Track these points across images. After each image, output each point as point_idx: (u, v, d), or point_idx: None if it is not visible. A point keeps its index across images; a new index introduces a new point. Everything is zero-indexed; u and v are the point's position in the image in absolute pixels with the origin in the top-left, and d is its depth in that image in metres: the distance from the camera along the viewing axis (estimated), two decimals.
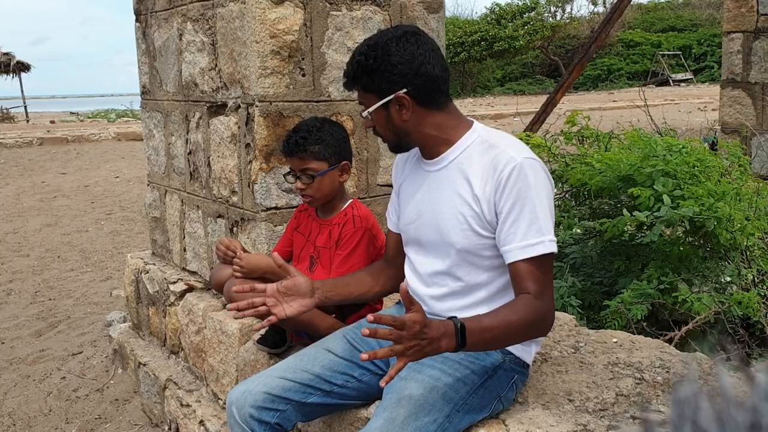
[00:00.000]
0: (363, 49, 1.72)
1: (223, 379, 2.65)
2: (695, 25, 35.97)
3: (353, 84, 1.76)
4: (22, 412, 3.26)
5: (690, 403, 0.43)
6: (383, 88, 1.69)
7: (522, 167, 1.61)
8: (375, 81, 1.69)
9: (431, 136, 1.75)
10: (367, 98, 1.74)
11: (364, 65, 1.69)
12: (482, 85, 35.28)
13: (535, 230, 1.60)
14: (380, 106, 1.71)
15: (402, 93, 1.67)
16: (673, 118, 9.04)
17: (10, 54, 27.42)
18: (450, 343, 1.46)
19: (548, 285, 1.62)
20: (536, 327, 1.61)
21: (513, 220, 1.61)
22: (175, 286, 3.13)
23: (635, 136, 3.33)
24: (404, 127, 1.73)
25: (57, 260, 6.03)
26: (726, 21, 6.25)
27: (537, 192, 1.61)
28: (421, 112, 1.72)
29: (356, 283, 1.99)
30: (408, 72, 1.67)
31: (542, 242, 1.60)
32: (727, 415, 0.42)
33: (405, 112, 1.71)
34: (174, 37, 3.11)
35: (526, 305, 1.57)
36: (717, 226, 2.64)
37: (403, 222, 1.88)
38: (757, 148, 5.97)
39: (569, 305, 2.88)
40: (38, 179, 10.71)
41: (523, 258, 1.60)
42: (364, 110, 1.76)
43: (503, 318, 1.55)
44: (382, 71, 1.67)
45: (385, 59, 1.67)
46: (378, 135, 1.83)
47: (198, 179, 3.07)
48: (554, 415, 1.70)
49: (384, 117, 1.73)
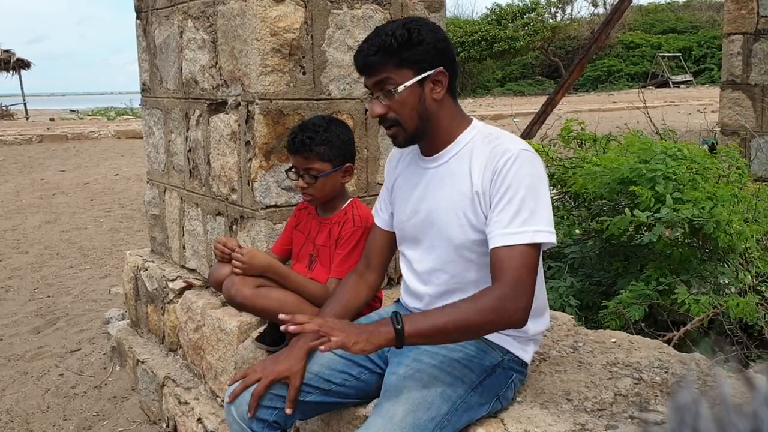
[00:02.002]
0: (398, 23, 1.67)
1: (222, 376, 2.65)
2: (695, 27, 36.00)
3: (386, 59, 1.64)
4: (20, 409, 3.26)
5: (690, 409, 0.43)
6: (425, 62, 1.65)
7: (518, 157, 1.61)
8: (417, 53, 1.65)
9: (443, 126, 1.73)
10: (399, 74, 1.65)
11: (407, 38, 1.64)
12: (482, 85, 35.30)
13: (520, 219, 1.57)
14: (416, 83, 1.66)
15: (441, 69, 1.67)
16: (673, 120, 9.04)
17: (10, 51, 27.38)
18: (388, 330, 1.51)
19: (525, 276, 1.55)
20: (497, 318, 1.54)
21: (501, 208, 1.60)
22: (174, 284, 3.12)
23: (633, 139, 3.33)
24: (432, 109, 1.70)
25: (56, 257, 6.03)
26: (726, 23, 6.25)
27: (530, 182, 1.60)
28: (446, 97, 1.72)
29: (346, 305, 1.96)
30: (446, 50, 1.68)
31: (525, 232, 1.56)
32: (728, 421, 0.42)
33: (438, 91, 1.69)
34: (175, 34, 3.11)
35: (487, 295, 1.54)
36: (716, 229, 2.65)
37: (399, 219, 1.87)
38: (756, 149, 5.97)
39: (568, 305, 2.89)
40: (38, 176, 10.71)
41: (503, 245, 1.57)
42: (395, 87, 1.65)
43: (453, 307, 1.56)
44: (427, 43, 1.65)
45: (430, 34, 1.65)
46: (387, 124, 1.73)
47: (197, 177, 3.06)
48: (552, 415, 1.70)
49: (417, 95, 1.68)
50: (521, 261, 1.56)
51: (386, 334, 1.51)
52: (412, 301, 1.89)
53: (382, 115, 1.70)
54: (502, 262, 1.57)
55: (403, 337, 1.51)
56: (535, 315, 1.78)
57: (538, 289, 1.80)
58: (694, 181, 2.84)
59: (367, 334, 1.51)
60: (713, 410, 0.42)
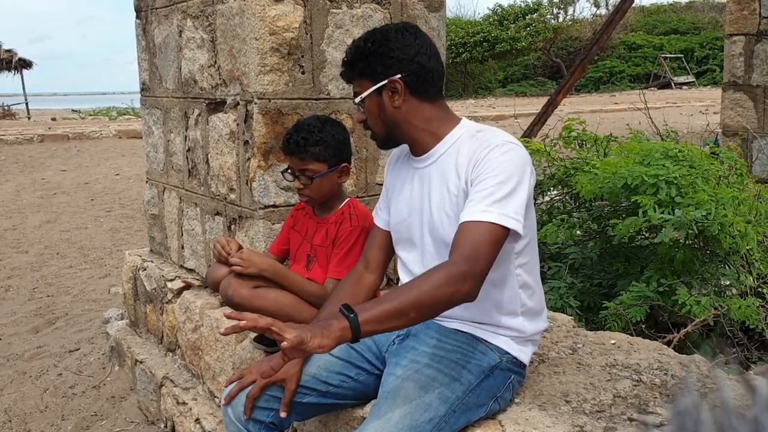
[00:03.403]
0: (362, 36, 1.75)
1: (220, 377, 2.64)
2: (697, 28, 35.97)
3: (350, 71, 1.77)
4: (18, 409, 3.25)
5: (691, 414, 0.42)
6: (378, 72, 1.70)
7: (500, 147, 1.62)
8: (371, 65, 1.70)
9: (420, 129, 1.74)
10: (361, 85, 1.75)
11: (362, 49, 1.71)
12: (484, 86, 35.29)
13: (491, 200, 1.55)
14: (373, 93, 1.72)
15: (396, 78, 1.68)
16: (675, 121, 9.03)
17: (12, 51, 27.42)
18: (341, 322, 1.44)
19: (485, 253, 1.51)
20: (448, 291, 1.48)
21: (477, 190, 1.59)
22: (173, 284, 3.12)
23: (633, 142, 3.32)
24: (395, 116, 1.72)
25: (56, 257, 6.02)
26: (728, 24, 6.24)
27: (510, 171, 1.58)
28: (413, 102, 1.72)
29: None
30: (403, 57, 1.69)
31: (492, 212, 1.54)
32: (729, 426, 0.41)
33: (397, 99, 1.71)
34: (174, 33, 3.10)
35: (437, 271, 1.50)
36: (720, 231, 2.63)
37: (394, 221, 1.87)
38: (758, 151, 5.96)
39: (568, 306, 2.88)
40: (38, 176, 10.72)
41: (469, 220, 1.55)
42: (356, 98, 1.76)
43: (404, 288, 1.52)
44: (378, 55, 1.69)
45: (382, 44, 1.70)
46: (368, 129, 1.82)
47: (196, 176, 3.06)
48: (551, 416, 1.69)
49: (376, 104, 1.73)
50: (483, 237, 1.52)
51: (339, 325, 1.44)
52: None
53: (363, 121, 1.80)
54: (464, 236, 1.54)
55: (358, 327, 1.44)
56: (533, 314, 1.78)
57: (536, 288, 1.79)
58: (695, 184, 2.83)
59: (320, 329, 1.44)
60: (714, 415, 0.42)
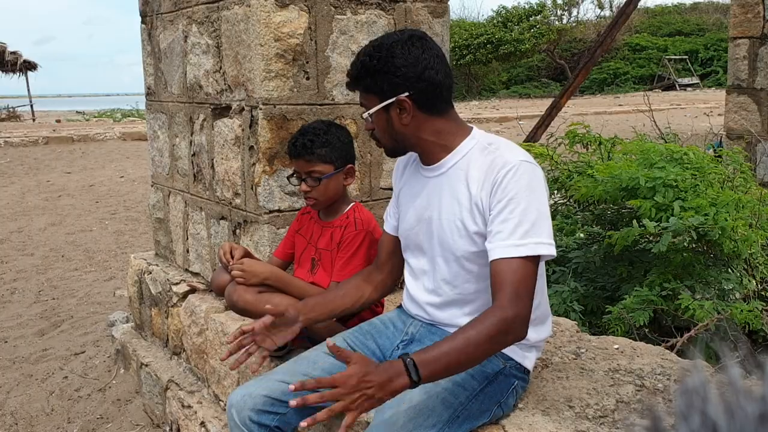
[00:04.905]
0: (368, 50, 1.70)
1: (225, 380, 2.65)
2: (702, 30, 35.87)
3: (356, 84, 1.74)
4: (24, 412, 3.27)
5: (698, 393, 0.42)
6: (385, 90, 1.67)
7: (518, 169, 1.59)
8: (377, 82, 1.67)
9: (429, 142, 1.74)
10: (368, 99, 1.72)
11: (368, 66, 1.67)
12: (488, 87, 35.26)
13: (522, 231, 1.55)
14: (381, 109, 1.69)
15: (404, 96, 1.66)
16: (679, 123, 9.02)
17: (17, 53, 27.48)
18: (403, 381, 1.44)
19: (526, 289, 1.54)
20: (503, 338, 1.52)
21: (502, 219, 1.58)
22: (178, 288, 3.13)
23: (636, 144, 3.32)
24: (403, 131, 1.72)
25: (61, 259, 6.04)
26: (732, 26, 6.23)
27: (530, 194, 1.58)
28: (422, 118, 1.70)
29: (341, 298, 1.96)
30: (411, 75, 1.65)
31: (527, 244, 1.54)
32: (737, 405, 0.41)
33: (405, 117, 1.69)
34: (179, 39, 3.12)
35: (489, 319, 1.50)
36: (721, 236, 2.64)
37: (403, 228, 1.88)
38: (761, 154, 5.95)
39: (572, 310, 2.88)
40: (43, 178, 10.75)
41: (504, 257, 1.55)
42: (365, 112, 1.75)
43: (462, 339, 1.48)
44: (385, 73, 1.65)
45: (389, 61, 1.65)
46: (375, 139, 1.80)
47: (201, 181, 3.07)
48: (554, 422, 1.70)
49: (384, 120, 1.71)
50: (521, 274, 1.53)
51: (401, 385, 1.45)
52: (414, 307, 1.88)
53: (371, 130, 1.78)
54: (502, 275, 1.54)
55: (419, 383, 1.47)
56: (538, 323, 1.78)
57: (541, 297, 1.80)
58: (696, 187, 2.83)
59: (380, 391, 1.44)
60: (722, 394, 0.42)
